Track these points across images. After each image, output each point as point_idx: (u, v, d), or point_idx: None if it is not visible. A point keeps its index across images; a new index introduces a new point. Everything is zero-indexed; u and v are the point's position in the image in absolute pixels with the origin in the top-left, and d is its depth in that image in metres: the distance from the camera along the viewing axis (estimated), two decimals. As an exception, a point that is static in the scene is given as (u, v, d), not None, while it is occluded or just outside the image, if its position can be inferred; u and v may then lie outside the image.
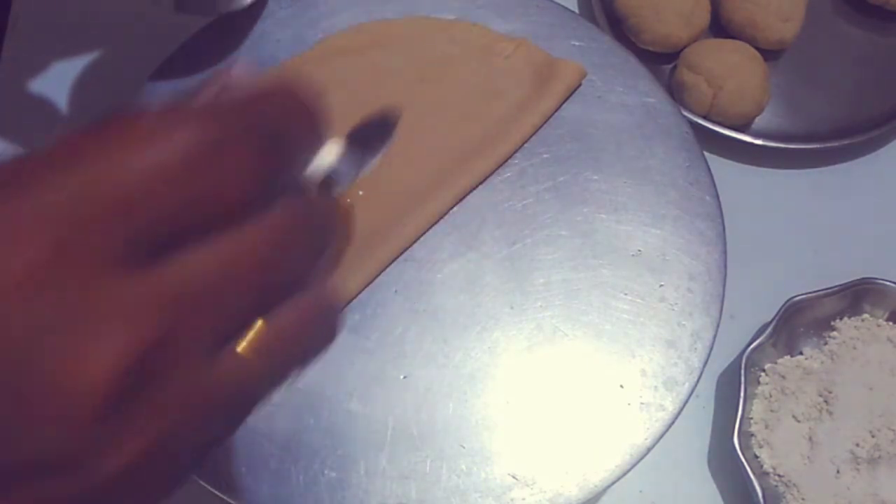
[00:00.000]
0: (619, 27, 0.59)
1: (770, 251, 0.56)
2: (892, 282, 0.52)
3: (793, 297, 0.51)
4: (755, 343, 0.50)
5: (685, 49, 0.59)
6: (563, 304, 0.42)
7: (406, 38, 0.48)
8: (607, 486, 0.39)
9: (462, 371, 0.40)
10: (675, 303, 0.42)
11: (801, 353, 0.52)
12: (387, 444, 0.39)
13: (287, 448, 0.39)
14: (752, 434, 0.49)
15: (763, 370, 0.50)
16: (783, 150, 0.58)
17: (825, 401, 0.49)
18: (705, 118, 0.57)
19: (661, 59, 0.60)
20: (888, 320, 0.52)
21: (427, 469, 0.39)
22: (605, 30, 0.58)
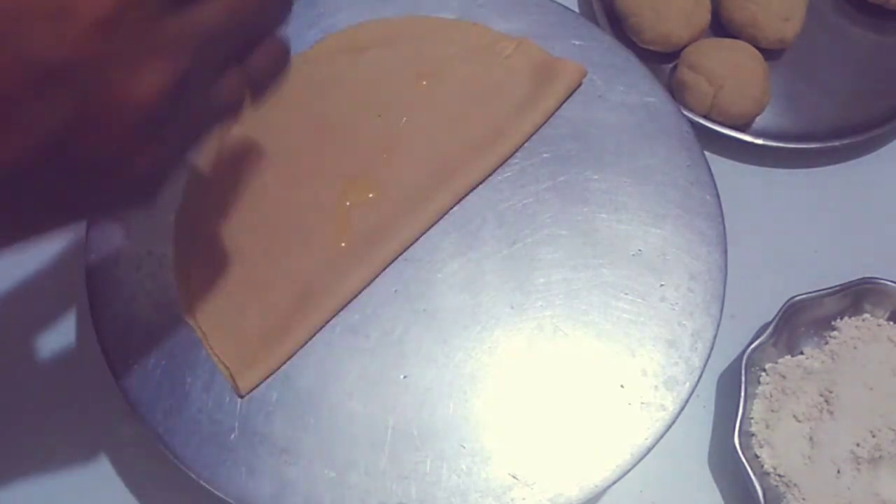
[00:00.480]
0: (619, 26, 0.59)
1: (770, 251, 0.56)
2: (892, 281, 0.52)
3: (793, 297, 0.51)
4: (756, 343, 0.50)
5: (686, 48, 0.58)
6: (564, 304, 0.42)
7: (406, 38, 0.48)
8: (607, 486, 0.39)
9: (462, 371, 0.40)
10: (675, 302, 0.42)
11: (801, 352, 0.51)
12: (387, 444, 0.39)
13: (287, 448, 0.39)
14: (753, 434, 0.49)
15: (764, 370, 0.50)
16: (784, 149, 0.58)
17: (826, 401, 0.49)
18: (706, 117, 0.57)
19: (661, 59, 0.60)
20: (889, 320, 0.52)
21: (427, 469, 0.38)
22: (606, 29, 0.58)
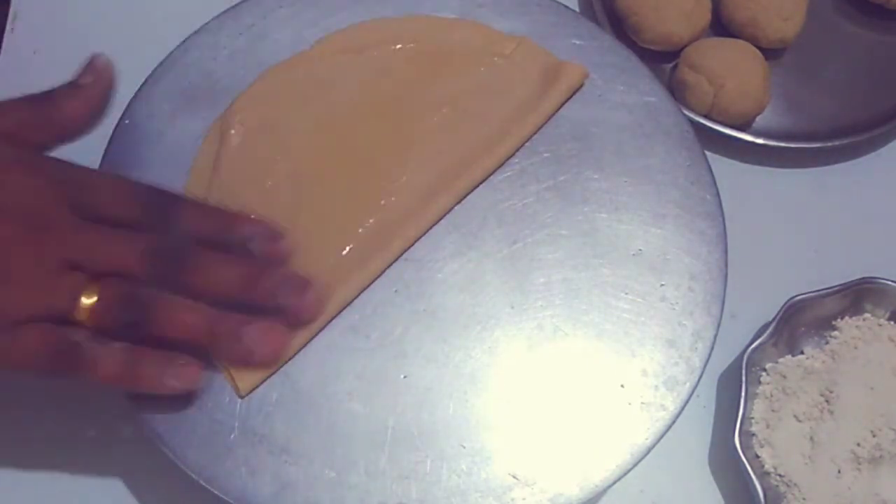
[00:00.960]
0: (619, 26, 0.59)
1: (771, 250, 0.56)
2: (893, 281, 0.52)
3: (794, 297, 0.51)
4: (756, 343, 0.50)
5: (686, 48, 0.58)
6: (564, 304, 0.42)
7: (406, 38, 0.48)
8: (608, 485, 0.39)
9: (462, 371, 0.40)
10: (675, 302, 0.42)
11: (802, 352, 0.51)
12: (387, 444, 0.39)
13: (287, 448, 0.39)
14: (753, 434, 0.49)
15: (764, 370, 0.50)
16: (784, 149, 0.58)
17: (826, 400, 0.49)
18: (706, 117, 0.57)
19: (661, 58, 0.60)
20: (889, 320, 0.52)
21: (427, 469, 0.38)
22: (606, 28, 0.58)
